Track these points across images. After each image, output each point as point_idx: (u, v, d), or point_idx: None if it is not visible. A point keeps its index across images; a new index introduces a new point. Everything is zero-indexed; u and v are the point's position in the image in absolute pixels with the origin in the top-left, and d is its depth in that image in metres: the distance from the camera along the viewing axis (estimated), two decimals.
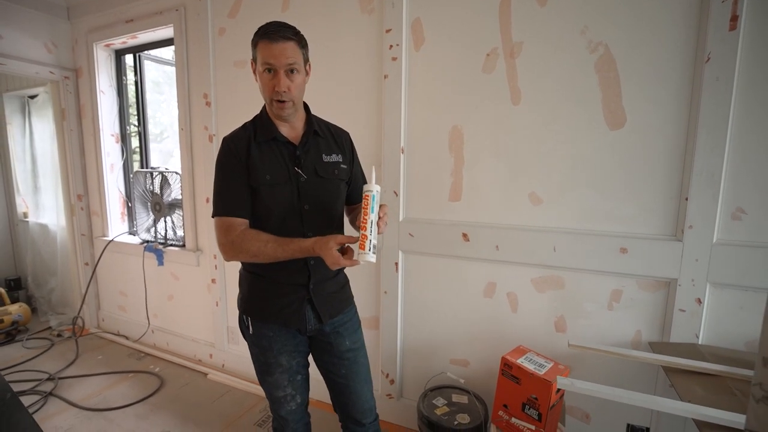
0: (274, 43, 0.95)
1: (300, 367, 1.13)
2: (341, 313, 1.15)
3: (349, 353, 1.14)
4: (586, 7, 1.30)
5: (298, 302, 1.07)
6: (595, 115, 1.33)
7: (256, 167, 1.01)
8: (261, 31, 0.98)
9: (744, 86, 1.16)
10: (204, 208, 2.22)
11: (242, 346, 2.23)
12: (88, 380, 2.18)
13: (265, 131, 1.04)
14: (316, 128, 1.09)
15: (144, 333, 2.58)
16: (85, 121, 2.65)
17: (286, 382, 1.10)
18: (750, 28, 1.14)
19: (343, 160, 1.12)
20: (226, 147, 1.04)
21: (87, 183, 2.74)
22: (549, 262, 1.44)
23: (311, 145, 1.08)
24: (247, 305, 1.12)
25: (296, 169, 1.04)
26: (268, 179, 1.01)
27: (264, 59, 0.96)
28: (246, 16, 1.94)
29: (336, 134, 1.16)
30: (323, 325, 1.11)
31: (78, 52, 2.60)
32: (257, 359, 1.12)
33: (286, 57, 0.95)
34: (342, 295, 1.17)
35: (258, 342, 1.10)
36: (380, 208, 0.94)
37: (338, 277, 1.17)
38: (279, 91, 0.97)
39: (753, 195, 1.18)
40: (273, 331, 1.08)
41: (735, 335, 1.25)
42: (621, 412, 1.42)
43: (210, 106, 2.08)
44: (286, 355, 1.09)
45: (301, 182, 1.04)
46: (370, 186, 0.93)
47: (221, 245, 1.01)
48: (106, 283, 2.81)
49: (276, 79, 0.97)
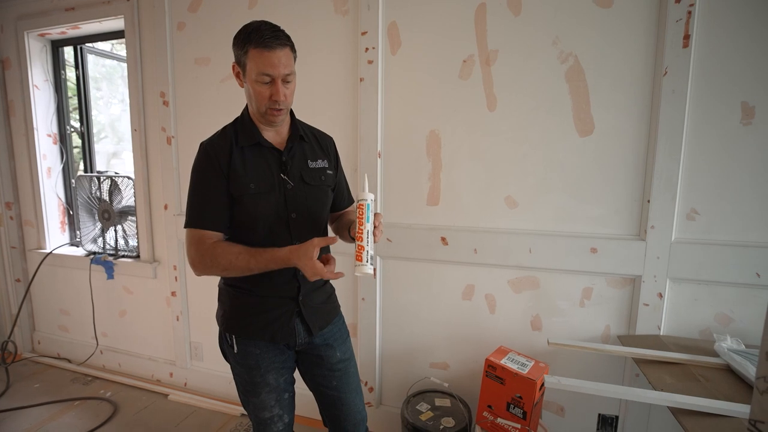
0: (271, 52, 0.89)
1: (287, 385, 1.07)
2: (330, 324, 1.11)
3: (340, 364, 1.10)
4: (557, 18, 1.37)
5: (286, 316, 1.02)
6: (566, 122, 1.40)
7: (239, 175, 0.95)
8: (253, 36, 0.90)
9: (695, 98, 1.27)
10: (161, 215, 2.05)
11: (207, 362, 2.08)
12: (24, 413, 1.93)
13: (247, 136, 0.98)
14: (302, 133, 1.05)
15: (91, 354, 2.33)
16: (14, 119, 2.35)
17: (274, 401, 1.03)
18: (700, 45, 1.25)
19: (328, 166, 1.08)
20: (205, 153, 0.97)
21: (18, 189, 2.42)
22: (525, 263, 1.49)
23: (297, 151, 1.03)
24: (230, 322, 1.04)
25: (282, 176, 0.99)
26: (252, 188, 0.95)
27: (261, 69, 0.90)
28: (208, 11, 1.83)
29: (320, 139, 1.12)
30: (313, 338, 1.07)
31: (4, 40, 2.30)
32: (242, 379, 1.05)
33: (284, 66, 0.91)
34: (329, 305, 1.13)
35: (243, 361, 1.03)
36: (374, 216, 0.92)
37: (326, 287, 1.13)
38: (278, 100, 0.92)
39: (705, 197, 1.30)
40: (260, 348, 1.02)
41: (691, 325, 1.37)
42: (592, 403, 1.50)
43: (168, 105, 1.93)
44: (273, 373, 1.03)
45: (287, 189, 0.99)
46: (364, 195, 0.91)
47: (190, 259, 0.96)
48: (42, 301, 2.50)
49: (275, 88, 0.92)
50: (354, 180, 1.65)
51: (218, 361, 2.05)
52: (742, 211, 1.28)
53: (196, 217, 0.96)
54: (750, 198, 1.26)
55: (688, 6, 1.22)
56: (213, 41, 1.83)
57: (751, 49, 1.22)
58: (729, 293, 1.31)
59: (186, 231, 0.97)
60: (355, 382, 1.15)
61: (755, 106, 1.23)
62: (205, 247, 0.93)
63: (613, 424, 1.46)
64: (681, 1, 1.23)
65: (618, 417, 1.46)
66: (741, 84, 1.23)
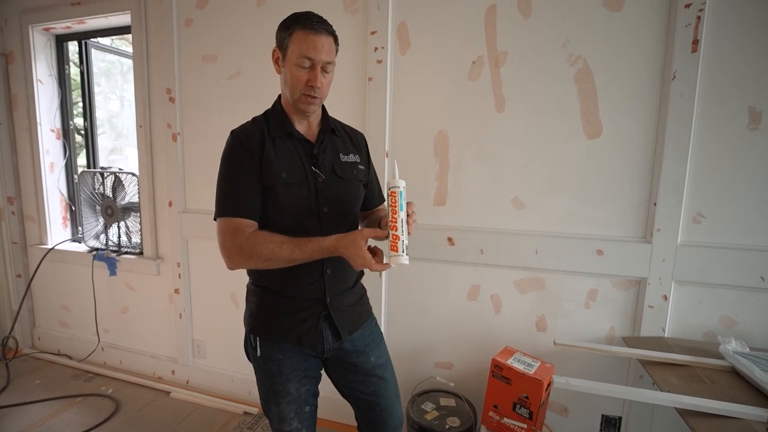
0: (317, 36, 0.88)
1: (309, 397, 1.01)
2: (361, 327, 1.06)
3: (376, 370, 1.06)
4: (567, 21, 1.38)
5: (313, 319, 0.98)
6: (574, 124, 1.41)
7: (271, 164, 0.92)
8: (301, 19, 0.89)
9: (703, 103, 1.29)
10: (166, 212, 2.04)
11: (209, 359, 2.08)
12: (25, 409, 1.91)
13: (279, 126, 0.96)
14: (333, 126, 1.03)
15: (92, 351, 2.32)
16: (17, 113, 2.33)
17: (293, 414, 0.98)
18: (708, 50, 1.26)
19: (360, 161, 1.06)
20: (236, 140, 0.94)
21: (20, 184, 2.41)
22: (531, 264, 1.50)
23: (328, 144, 1.01)
24: (256, 323, 1.01)
25: (313, 168, 0.96)
26: (284, 177, 0.91)
27: (303, 51, 0.88)
28: (216, 8, 1.82)
29: (352, 134, 1.10)
30: (342, 342, 1.02)
31: (8, 34, 2.28)
32: (263, 385, 1.01)
33: (326, 53, 0.90)
34: (360, 307, 1.09)
35: (265, 365, 0.99)
36: (407, 205, 0.87)
37: (356, 288, 1.08)
38: (314, 86, 0.90)
39: (710, 201, 1.32)
40: (283, 353, 0.98)
41: (695, 327, 1.38)
42: (595, 403, 1.51)
43: (174, 102, 1.93)
44: (295, 382, 0.98)
45: (319, 182, 0.96)
46: (396, 181, 0.84)
47: (226, 250, 0.90)
48: (43, 296, 2.49)
49: (313, 73, 0.90)
50: None
51: (221, 359, 2.05)
52: (746, 216, 1.29)
53: (231, 206, 0.91)
54: (755, 202, 1.28)
55: (698, 11, 1.24)
56: (221, 38, 1.83)
57: (758, 54, 1.23)
58: (733, 296, 1.32)
59: (219, 221, 0.92)
60: (394, 386, 1.10)
61: (762, 111, 1.24)
62: (244, 236, 0.88)
63: (617, 425, 1.47)
64: (690, 6, 1.24)
65: (621, 418, 1.47)
66: (748, 89, 1.24)
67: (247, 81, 1.80)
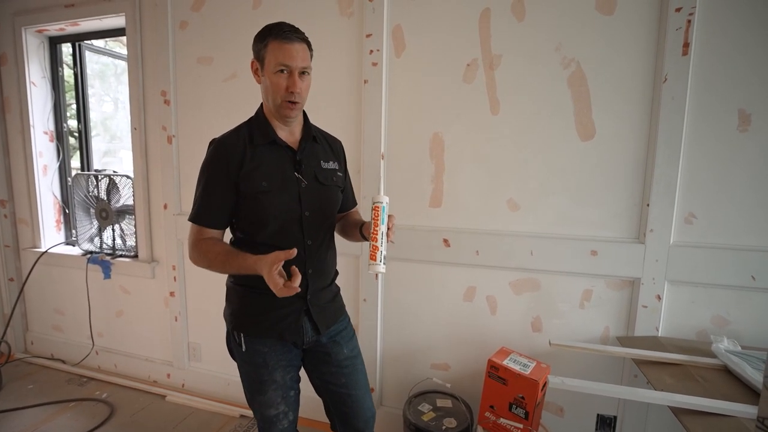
0: (289, 44, 0.94)
1: (293, 383, 1.09)
2: (336, 323, 1.13)
3: (347, 361, 1.12)
4: (560, 24, 1.39)
5: (295, 314, 1.04)
6: (568, 126, 1.42)
7: (252, 173, 0.97)
8: (274, 30, 0.95)
9: (694, 105, 1.30)
10: (161, 214, 2.04)
11: (205, 363, 2.07)
12: (18, 414, 1.89)
13: (262, 134, 1.00)
14: (314, 134, 1.07)
15: (86, 355, 2.30)
16: (10, 115, 2.32)
17: (280, 399, 1.05)
18: (699, 54, 1.28)
19: (339, 168, 1.11)
20: (216, 151, 0.99)
21: (12, 187, 2.39)
22: (526, 265, 1.51)
23: (310, 151, 1.06)
24: (239, 321, 1.05)
25: (296, 174, 1.01)
26: (264, 186, 0.97)
27: (279, 60, 0.94)
28: (212, 10, 1.82)
29: (331, 142, 1.16)
30: (320, 336, 1.09)
31: (0, 36, 2.26)
32: (249, 377, 1.06)
33: (301, 59, 0.95)
34: (336, 304, 1.16)
35: (251, 359, 1.04)
36: (388, 218, 0.98)
37: (332, 286, 1.15)
38: (294, 91, 0.95)
39: (702, 202, 1.33)
40: (267, 346, 1.04)
41: (688, 326, 1.39)
42: (591, 403, 1.52)
43: (169, 104, 1.92)
44: (280, 371, 1.05)
45: (302, 188, 1.01)
46: (380, 197, 0.96)
47: (189, 250, 1.02)
48: (36, 300, 2.46)
49: (291, 79, 0.95)
50: (357, 181, 1.66)
51: (217, 362, 2.04)
52: (738, 216, 1.31)
53: (199, 214, 1.01)
54: (746, 203, 1.30)
55: (688, 15, 1.26)
56: (216, 41, 1.83)
57: (748, 57, 1.25)
58: (725, 295, 1.34)
59: (190, 224, 1.03)
60: (363, 379, 1.16)
61: (752, 113, 1.26)
62: (198, 242, 1.00)
63: (612, 425, 1.48)
64: (681, 10, 1.26)
65: (616, 417, 1.48)
66: (738, 91, 1.26)
67: (243, 83, 1.80)
